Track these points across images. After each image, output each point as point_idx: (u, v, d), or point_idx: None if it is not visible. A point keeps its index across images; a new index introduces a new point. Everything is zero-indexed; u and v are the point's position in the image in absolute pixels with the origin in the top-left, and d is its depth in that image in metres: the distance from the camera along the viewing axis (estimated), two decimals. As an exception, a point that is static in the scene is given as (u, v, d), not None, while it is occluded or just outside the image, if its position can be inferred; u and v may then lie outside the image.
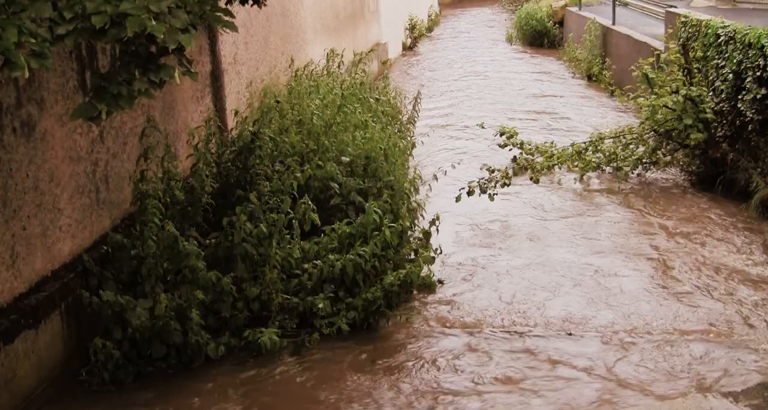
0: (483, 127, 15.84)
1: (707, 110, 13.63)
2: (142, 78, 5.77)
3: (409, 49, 32.77)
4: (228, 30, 6.34)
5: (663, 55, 15.72)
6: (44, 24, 5.37)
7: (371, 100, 15.24)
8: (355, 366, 8.60)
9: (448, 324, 9.50)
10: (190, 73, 6.20)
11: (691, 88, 13.89)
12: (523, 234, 12.26)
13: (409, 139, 14.96)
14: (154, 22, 5.30)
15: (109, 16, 5.26)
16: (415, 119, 16.68)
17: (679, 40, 15.55)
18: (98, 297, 8.13)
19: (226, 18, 6.25)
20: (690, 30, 15.39)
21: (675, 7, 19.18)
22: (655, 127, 14.30)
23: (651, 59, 15.69)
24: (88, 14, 5.27)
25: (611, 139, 15.00)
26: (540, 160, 14.73)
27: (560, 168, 14.87)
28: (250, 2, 9.04)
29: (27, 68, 5.09)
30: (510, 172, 13.48)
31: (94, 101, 5.81)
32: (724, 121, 13.68)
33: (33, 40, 5.10)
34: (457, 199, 12.40)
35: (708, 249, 11.40)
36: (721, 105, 13.65)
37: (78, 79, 8.41)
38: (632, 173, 14.64)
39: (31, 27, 5.12)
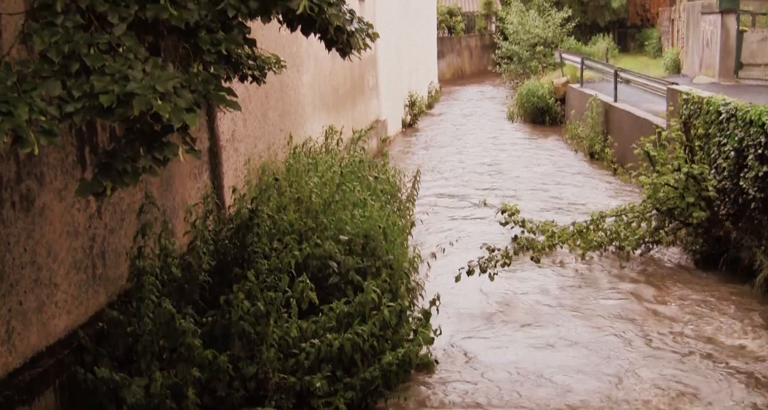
0: (485, 204, 15.81)
1: (709, 188, 13.63)
2: (147, 155, 5.77)
3: (409, 126, 32.81)
4: (231, 108, 6.33)
5: (665, 133, 15.76)
6: (53, 102, 5.38)
7: (370, 178, 15.23)
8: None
9: (446, 407, 9.35)
10: (193, 150, 6.18)
11: (692, 165, 13.91)
12: (522, 315, 12.13)
13: (408, 217, 14.90)
14: (160, 102, 5.31)
15: (116, 96, 5.28)
16: (415, 197, 16.68)
17: (680, 118, 15.65)
18: (93, 374, 8.01)
19: (229, 97, 6.24)
20: (691, 107, 15.46)
21: (677, 83, 19.31)
22: (657, 205, 14.26)
23: (653, 137, 15.73)
24: (96, 93, 5.29)
25: (613, 218, 14.92)
26: (541, 239, 14.62)
27: (561, 247, 14.75)
28: (250, 79, 9.08)
29: (36, 145, 5.10)
30: (510, 251, 13.36)
31: (99, 177, 5.80)
32: (727, 199, 13.66)
33: (43, 118, 5.14)
34: (457, 278, 12.21)
35: (711, 332, 11.27)
36: (723, 182, 13.65)
37: (77, 155, 8.39)
38: (634, 252, 14.57)
39: (41, 105, 5.15)
